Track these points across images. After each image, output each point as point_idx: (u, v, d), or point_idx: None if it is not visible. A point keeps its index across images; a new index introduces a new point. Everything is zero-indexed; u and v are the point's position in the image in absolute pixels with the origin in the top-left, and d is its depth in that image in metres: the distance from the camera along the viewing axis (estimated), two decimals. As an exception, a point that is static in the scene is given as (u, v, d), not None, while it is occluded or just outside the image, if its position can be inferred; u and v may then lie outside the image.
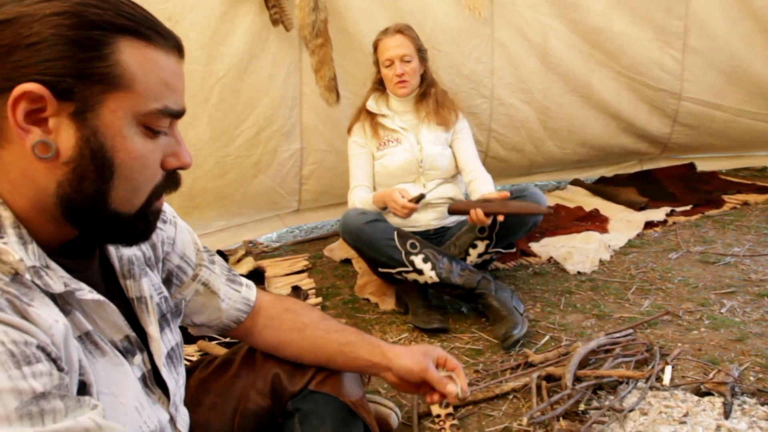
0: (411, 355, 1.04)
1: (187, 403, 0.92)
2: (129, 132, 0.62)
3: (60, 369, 0.58)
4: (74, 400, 0.57)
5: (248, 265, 2.49)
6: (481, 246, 1.98)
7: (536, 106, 3.03)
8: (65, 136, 0.59)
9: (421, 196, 1.92)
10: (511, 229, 1.94)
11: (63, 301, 0.64)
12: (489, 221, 1.85)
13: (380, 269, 1.95)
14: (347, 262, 2.54)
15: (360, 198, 2.12)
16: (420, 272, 1.88)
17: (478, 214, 1.82)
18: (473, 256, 1.99)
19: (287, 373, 1.04)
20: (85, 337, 0.66)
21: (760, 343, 1.59)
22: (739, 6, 2.88)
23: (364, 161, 2.22)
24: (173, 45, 0.66)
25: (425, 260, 1.87)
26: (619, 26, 2.88)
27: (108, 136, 0.61)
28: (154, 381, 0.78)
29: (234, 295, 1.00)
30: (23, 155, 0.59)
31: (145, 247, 0.84)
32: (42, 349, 0.56)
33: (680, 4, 2.87)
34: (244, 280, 1.04)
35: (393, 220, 2.04)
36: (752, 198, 2.87)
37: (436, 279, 1.87)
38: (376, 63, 2.23)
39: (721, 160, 3.46)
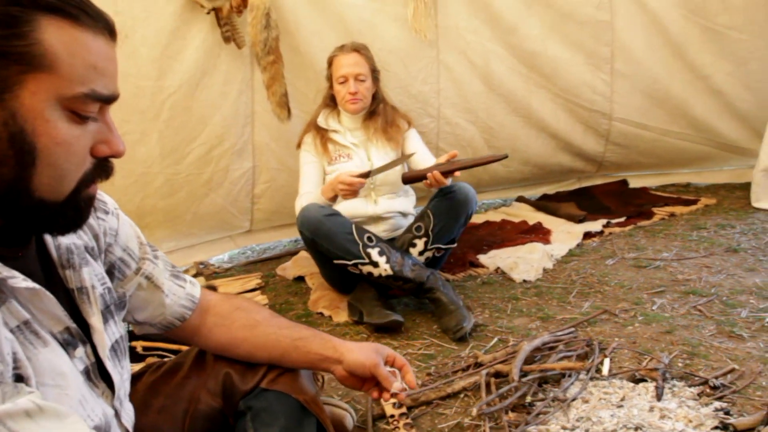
0: (362, 350, 1.07)
1: (136, 406, 0.90)
2: (52, 116, 0.60)
3: None
4: (11, 386, 0.55)
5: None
6: (420, 244, 2.05)
7: (481, 125, 3.19)
8: None
9: (368, 173, 2.02)
10: (446, 225, 2.04)
11: None
12: (447, 181, 1.94)
13: (335, 261, 1.98)
14: (300, 279, 2.54)
15: (307, 199, 2.13)
16: (375, 264, 1.93)
17: (435, 175, 1.90)
18: (414, 255, 2.05)
19: (239, 373, 1.03)
20: (24, 327, 0.64)
21: (686, 333, 1.72)
22: (658, 35, 3.16)
23: (315, 170, 2.25)
24: (103, 26, 0.64)
25: (381, 253, 1.94)
26: (553, 51, 3.10)
27: (28, 120, 0.59)
28: (98, 374, 0.77)
29: (178, 291, 0.98)
30: None
31: (87, 236, 0.82)
32: None
33: (606, 31, 3.13)
34: (188, 277, 1.03)
35: None
36: (678, 210, 3.11)
37: (390, 271, 1.92)
38: (329, 78, 2.26)
39: (651, 177, 3.72)
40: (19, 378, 0.60)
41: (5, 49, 0.57)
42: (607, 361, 1.56)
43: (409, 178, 2.04)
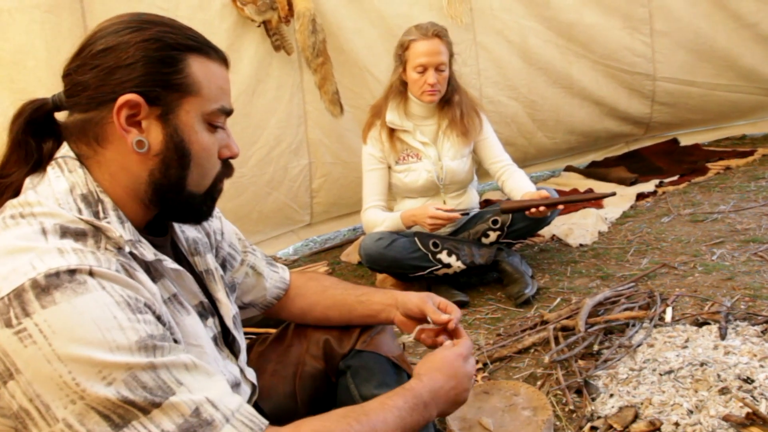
0: (415, 293, 1.19)
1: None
2: (199, 128, 0.78)
3: (163, 324, 0.73)
4: (174, 345, 0.72)
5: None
6: (493, 236, 2.11)
7: (523, 100, 3.25)
8: (155, 134, 0.76)
9: (466, 213, 2.00)
10: (524, 228, 2.08)
11: (154, 269, 0.80)
12: (549, 212, 1.92)
13: (410, 275, 2.06)
14: (364, 262, 2.70)
15: (381, 220, 2.08)
16: (448, 266, 2.01)
17: (541, 211, 1.85)
18: (484, 242, 2.13)
19: (336, 338, 1.19)
20: (173, 298, 0.82)
21: (748, 279, 1.77)
22: (697, -12, 3.13)
23: (379, 178, 2.14)
24: (222, 57, 0.83)
25: (449, 254, 2.00)
26: (589, 19, 3.12)
27: (185, 132, 0.77)
28: (223, 342, 0.94)
29: (274, 276, 1.16)
30: (120, 152, 0.76)
31: (201, 233, 1.00)
32: (148, 307, 0.71)
33: (642, -8, 3.12)
34: (279, 264, 1.21)
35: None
36: (734, 162, 3.07)
37: (463, 266, 2.01)
38: (402, 63, 2.05)
39: (702, 134, 3.66)
40: (174, 342, 0.77)
41: (171, 81, 0.76)
42: (669, 310, 1.64)
43: (509, 209, 1.97)
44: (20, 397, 0.64)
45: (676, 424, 1.18)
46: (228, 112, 0.83)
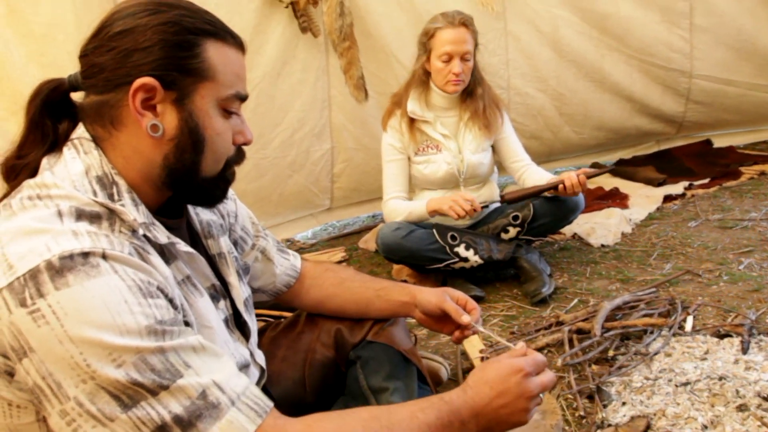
0: (432, 291, 1.19)
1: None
2: (214, 113, 0.79)
3: (174, 307, 0.74)
4: (184, 328, 0.73)
5: (290, 257, 2.67)
6: (513, 232, 2.08)
7: (551, 93, 3.17)
8: (169, 118, 0.76)
9: (487, 207, 1.99)
10: (545, 225, 2.05)
11: (167, 251, 0.80)
12: (583, 185, 1.92)
13: (427, 267, 2.04)
14: (381, 250, 2.69)
15: (404, 209, 2.07)
16: (465, 260, 1.99)
17: (574, 181, 1.87)
18: (503, 238, 2.10)
19: (348, 328, 1.20)
20: (186, 281, 0.83)
21: (776, 291, 1.71)
22: (743, -17, 2.99)
23: (400, 169, 2.13)
24: (239, 43, 0.83)
25: (467, 248, 1.99)
26: (626, 11, 3.02)
27: (200, 117, 0.77)
28: (234, 324, 0.95)
29: (285, 263, 1.17)
30: (135, 135, 0.76)
31: (216, 215, 1.01)
32: (160, 290, 0.72)
33: (683, -15, 3.00)
34: (291, 251, 1.21)
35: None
36: (769, 168, 2.96)
37: (480, 261, 1.99)
38: (427, 52, 2.03)
39: (738, 136, 3.53)
40: (186, 324, 0.78)
41: (187, 66, 0.76)
42: (690, 318, 1.60)
43: (511, 200, 2.01)
44: (34, 375, 0.66)
45: (690, 438, 1.16)
46: (243, 98, 0.83)
